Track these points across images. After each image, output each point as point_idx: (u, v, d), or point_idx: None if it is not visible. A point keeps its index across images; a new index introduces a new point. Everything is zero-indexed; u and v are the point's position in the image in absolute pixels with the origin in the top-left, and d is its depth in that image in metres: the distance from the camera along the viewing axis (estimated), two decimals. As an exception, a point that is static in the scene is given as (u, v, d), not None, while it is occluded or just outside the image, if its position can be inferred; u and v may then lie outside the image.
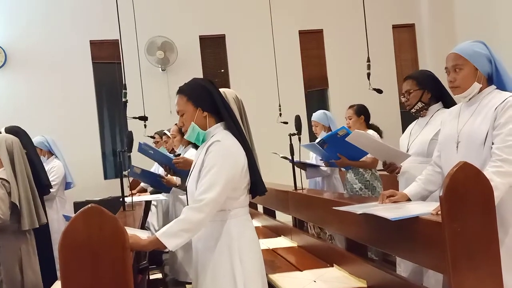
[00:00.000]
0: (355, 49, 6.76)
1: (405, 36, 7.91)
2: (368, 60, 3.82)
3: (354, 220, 2.35)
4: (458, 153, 2.07)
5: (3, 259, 2.70)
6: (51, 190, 3.80)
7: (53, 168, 4.42)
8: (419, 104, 2.72)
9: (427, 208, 1.87)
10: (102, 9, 6.66)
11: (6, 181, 2.80)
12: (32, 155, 3.21)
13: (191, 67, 6.97)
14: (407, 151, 2.71)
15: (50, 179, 3.90)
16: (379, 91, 3.80)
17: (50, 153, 4.57)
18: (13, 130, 3.36)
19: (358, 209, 2.13)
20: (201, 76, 6.94)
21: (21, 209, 2.79)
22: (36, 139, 4.01)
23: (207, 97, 1.95)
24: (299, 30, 7.49)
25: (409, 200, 2.21)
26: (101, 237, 1.54)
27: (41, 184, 3.13)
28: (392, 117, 7.39)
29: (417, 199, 2.21)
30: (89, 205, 1.56)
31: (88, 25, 6.84)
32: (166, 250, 1.79)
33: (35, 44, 6.72)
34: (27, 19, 6.72)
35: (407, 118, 7.14)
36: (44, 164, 3.81)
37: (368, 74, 3.74)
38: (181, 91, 1.99)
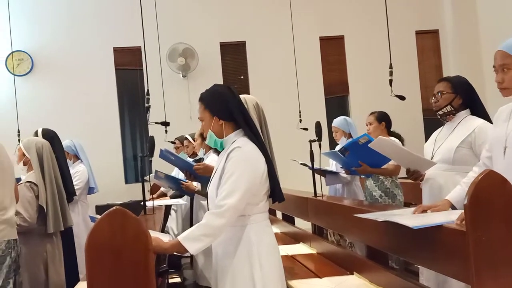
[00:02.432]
0: (377, 55, 6.73)
1: (428, 42, 7.81)
2: (391, 67, 3.78)
3: (375, 227, 2.32)
4: (505, 159, 1.96)
5: (29, 260, 2.76)
6: (73, 195, 3.86)
7: (77, 173, 4.49)
8: (448, 108, 2.65)
9: (450, 217, 1.84)
10: (125, 17, 6.79)
11: (35, 184, 2.86)
12: (61, 162, 3.27)
13: (212, 74, 7.03)
14: (432, 158, 2.66)
15: (74, 183, 3.96)
16: (402, 97, 3.76)
17: (76, 157, 4.65)
18: (49, 134, 3.43)
19: (379, 216, 2.11)
20: (221, 83, 7.00)
21: (48, 212, 2.85)
22: (64, 143, 4.08)
23: (223, 106, 1.96)
24: (319, 37, 7.48)
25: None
26: (125, 238, 1.57)
27: (67, 191, 3.20)
28: (414, 125, 7.29)
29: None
30: (114, 208, 1.59)
31: (111, 33, 6.97)
32: (185, 254, 1.80)
33: (60, 51, 6.89)
34: (52, 27, 6.89)
35: (430, 125, 7.05)
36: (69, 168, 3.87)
37: (390, 81, 3.71)
38: (200, 98, 2.02)
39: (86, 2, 6.98)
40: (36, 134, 3.54)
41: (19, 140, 5.04)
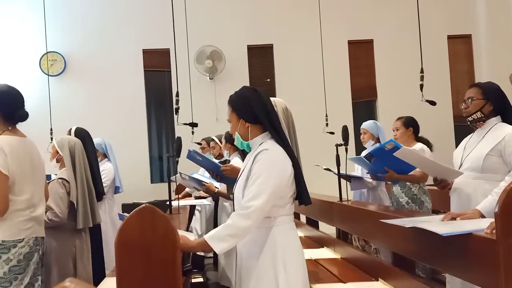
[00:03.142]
0: (407, 60, 6.64)
1: (461, 47, 7.64)
2: (422, 71, 3.73)
3: (401, 234, 2.28)
4: None
5: (59, 255, 2.83)
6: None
7: (104, 171, 4.57)
8: (478, 114, 2.60)
9: (480, 224, 1.80)
10: (154, 20, 6.92)
11: (67, 181, 2.95)
12: (92, 161, 3.35)
13: (238, 76, 7.07)
14: (461, 166, 2.61)
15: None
16: (433, 103, 3.70)
17: (104, 155, 4.75)
18: (82, 133, 3.52)
19: (407, 222, 2.08)
20: (248, 85, 7.02)
21: (78, 208, 2.93)
22: (95, 140, 4.17)
23: (249, 109, 1.97)
24: (348, 40, 7.43)
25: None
26: (154, 235, 1.60)
27: (96, 190, 3.27)
28: (445, 131, 7.13)
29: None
30: (144, 205, 1.63)
31: (141, 35, 7.11)
32: (208, 254, 1.83)
33: (92, 53, 7.07)
34: (85, 29, 7.08)
35: (461, 131, 6.88)
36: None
37: (421, 86, 3.65)
38: (229, 101, 2.05)
39: (117, 6, 7.14)
40: (69, 132, 3.64)
41: (51, 138, 5.19)
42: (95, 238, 3.24)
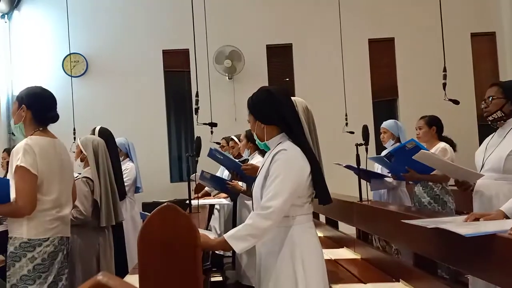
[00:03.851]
0: (429, 58, 6.54)
1: (484, 45, 7.47)
2: (445, 70, 3.67)
3: (423, 234, 2.25)
4: None
5: (83, 252, 2.89)
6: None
7: (126, 170, 4.63)
8: (498, 113, 2.55)
9: (503, 226, 1.76)
10: (174, 21, 6.98)
11: (91, 179, 3.01)
12: (114, 161, 3.40)
13: (257, 76, 7.08)
14: (482, 167, 2.56)
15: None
16: (456, 102, 3.64)
17: (126, 155, 4.81)
18: (105, 133, 3.58)
19: (429, 223, 2.04)
20: (267, 85, 7.03)
21: (101, 206, 2.98)
22: (117, 140, 4.23)
23: (263, 111, 2.00)
24: (368, 39, 7.35)
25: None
26: (175, 233, 1.62)
27: (118, 189, 3.32)
28: (468, 130, 7.00)
29: None
30: (165, 204, 1.65)
31: (161, 36, 7.18)
32: (227, 254, 1.85)
33: (113, 54, 7.17)
34: (106, 30, 7.19)
35: (485, 131, 6.70)
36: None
37: (444, 84, 3.59)
38: (248, 102, 2.07)
39: (137, 9, 7.23)
40: (93, 132, 3.70)
41: (74, 138, 5.29)
42: (117, 236, 3.29)
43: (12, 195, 2.26)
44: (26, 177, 2.23)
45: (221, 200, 4.60)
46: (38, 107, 2.40)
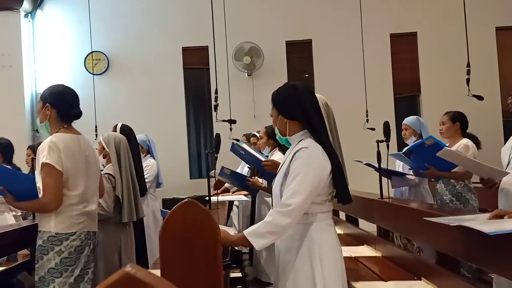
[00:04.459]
0: (453, 53, 6.42)
1: (510, 39, 7.26)
2: (468, 65, 3.59)
3: (446, 232, 2.21)
4: None
5: (106, 247, 2.94)
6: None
7: (147, 167, 4.70)
8: (525, 109, 2.49)
9: (530, 224, 1.71)
10: (193, 18, 7.01)
11: (112, 176, 3.06)
12: (135, 157, 3.45)
13: (276, 72, 7.05)
14: (508, 164, 2.50)
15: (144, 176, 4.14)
16: (480, 97, 3.56)
17: (148, 152, 4.87)
18: (127, 130, 3.64)
19: (452, 221, 2.00)
20: (286, 81, 6.99)
21: (123, 202, 3.03)
22: (139, 137, 4.27)
23: (287, 106, 1.99)
24: (390, 33, 7.24)
25: None
26: (196, 229, 1.64)
27: (139, 185, 3.37)
28: (493, 126, 6.83)
29: None
30: (186, 200, 1.67)
31: (180, 33, 7.22)
32: (244, 250, 1.87)
33: (134, 52, 7.25)
34: (127, 29, 7.27)
35: (510, 127, 6.58)
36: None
37: (468, 80, 3.51)
38: (272, 96, 2.07)
39: (157, 6, 7.28)
40: (115, 128, 3.75)
41: (96, 135, 5.38)
42: (138, 232, 3.33)
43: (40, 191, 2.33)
44: (51, 173, 2.29)
45: (240, 197, 4.61)
46: (61, 105, 2.46)
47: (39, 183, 2.34)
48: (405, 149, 3.76)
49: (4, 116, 6.55)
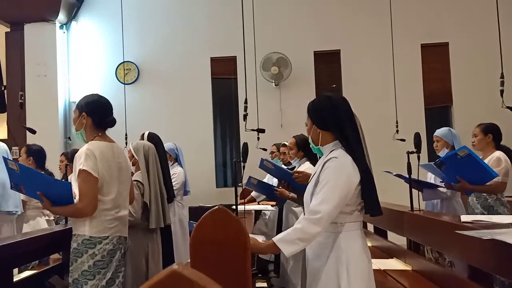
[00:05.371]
0: (486, 64, 6.28)
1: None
2: (502, 76, 3.50)
3: (478, 246, 2.14)
4: None
5: (134, 253, 2.98)
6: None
7: (174, 174, 4.75)
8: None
9: None
10: (222, 29, 7.11)
11: (141, 183, 3.12)
12: (163, 165, 3.50)
13: (304, 82, 7.05)
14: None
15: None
16: (514, 109, 3.46)
17: (175, 160, 4.93)
18: (154, 138, 3.70)
19: (485, 234, 1.95)
20: (313, 91, 7.00)
21: (151, 209, 3.08)
22: (167, 145, 4.33)
23: (321, 117, 2.03)
24: (421, 44, 7.13)
25: None
26: (227, 236, 1.66)
27: (167, 192, 3.41)
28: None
29: None
30: (217, 207, 1.70)
31: (209, 44, 7.32)
32: (272, 259, 1.88)
33: (163, 62, 7.39)
34: (156, 39, 7.42)
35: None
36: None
37: (502, 91, 3.43)
38: (308, 106, 2.11)
39: (186, 18, 7.41)
40: (142, 137, 3.82)
41: (126, 143, 5.48)
42: (165, 239, 3.37)
43: (76, 197, 2.41)
44: (88, 180, 2.37)
45: (266, 207, 4.60)
46: (97, 114, 2.55)
47: (75, 189, 2.43)
48: (437, 160, 3.68)
49: (39, 123, 6.75)
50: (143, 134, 3.86)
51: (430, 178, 4.02)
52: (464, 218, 2.58)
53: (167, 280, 0.69)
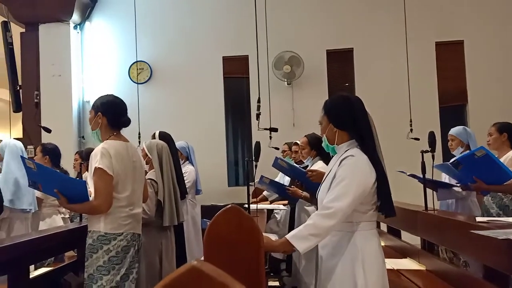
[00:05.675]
0: (502, 62, 6.20)
1: None
2: (518, 75, 3.44)
3: (494, 246, 2.12)
4: None
5: (148, 250, 3.02)
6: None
7: (185, 173, 4.78)
8: None
9: None
10: (234, 28, 7.11)
11: (155, 181, 3.16)
12: (175, 163, 3.53)
13: (316, 81, 7.02)
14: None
15: (183, 183, 4.21)
16: (531, 108, 3.39)
17: (186, 158, 4.96)
18: (166, 137, 3.74)
19: (500, 234, 1.93)
20: (326, 90, 6.97)
21: (164, 206, 3.12)
22: (179, 144, 4.35)
23: (338, 116, 2.03)
24: (435, 42, 7.03)
25: None
26: (240, 234, 1.67)
27: (180, 190, 3.44)
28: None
29: None
30: (230, 205, 1.71)
31: (221, 43, 7.32)
32: (284, 258, 1.87)
33: (175, 61, 7.42)
34: (169, 39, 7.45)
35: None
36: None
37: (517, 90, 3.37)
38: (324, 104, 2.12)
39: (198, 18, 7.41)
40: (153, 136, 3.85)
41: (139, 142, 5.52)
42: (178, 237, 3.39)
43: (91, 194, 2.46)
44: (103, 177, 2.42)
45: (279, 206, 4.60)
46: (112, 114, 2.61)
47: (90, 187, 2.47)
48: (452, 159, 3.63)
49: (53, 122, 6.82)
50: (154, 133, 3.89)
51: (445, 178, 3.98)
52: (480, 219, 2.55)
53: (186, 275, 0.71)
